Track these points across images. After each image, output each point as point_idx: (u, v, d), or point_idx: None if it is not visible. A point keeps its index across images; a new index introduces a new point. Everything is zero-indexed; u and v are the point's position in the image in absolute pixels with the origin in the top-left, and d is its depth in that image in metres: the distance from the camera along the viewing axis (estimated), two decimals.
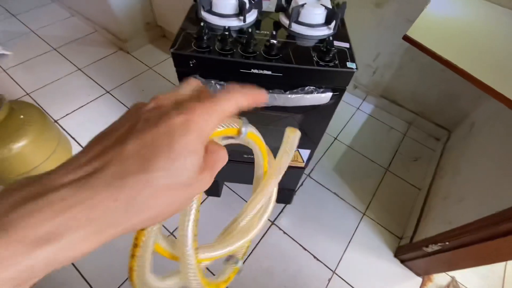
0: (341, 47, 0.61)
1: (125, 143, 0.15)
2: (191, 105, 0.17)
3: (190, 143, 0.16)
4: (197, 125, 0.16)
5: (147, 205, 0.15)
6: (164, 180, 0.15)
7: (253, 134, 0.22)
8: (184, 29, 0.62)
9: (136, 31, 1.68)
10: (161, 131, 0.15)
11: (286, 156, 0.25)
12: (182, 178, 0.16)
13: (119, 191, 0.14)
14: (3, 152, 0.90)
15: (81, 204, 0.13)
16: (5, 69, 1.57)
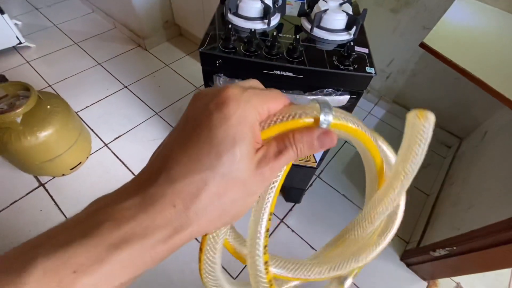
0: (360, 52, 0.64)
1: (172, 147, 0.15)
2: (226, 86, 0.16)
3: (231, 130, 0.15)
4: (234, 108, 0.15)
5: (207, 205, 0.15)
6: (216, 178, 0.14)
7: (343, 125, 0.17)
8: (211, 30, 0.65)
9: (154, 29, 1.73)
10: (202, 126, 0.15)
11: (417, 149, 0.17)
12: (235, 172, 0.15)
13: (175, 197, 0.14)
14: (31, 140, 0.95)
15: (144, 214, 0.14)
16: (29, 61, 1.64)
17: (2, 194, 1.13)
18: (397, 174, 0.19)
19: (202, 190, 0.14)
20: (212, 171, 0.14)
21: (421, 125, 0.17)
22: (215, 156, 0.14)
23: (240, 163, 0.15)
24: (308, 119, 0.16)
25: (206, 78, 0.67)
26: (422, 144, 0.17)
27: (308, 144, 0.17)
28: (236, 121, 0.15)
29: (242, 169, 0.15)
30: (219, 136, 0.15)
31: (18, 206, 1.11)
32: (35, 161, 1.02)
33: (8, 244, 1.01)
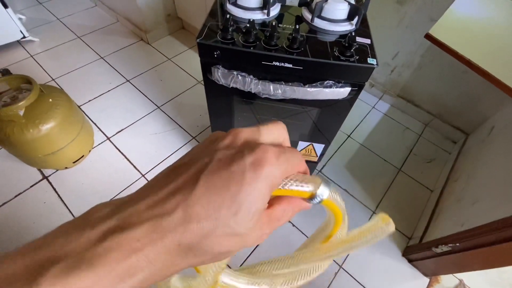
0: (362, 43, 0.62)
1: (195, 184, 0.15)
2: (263, 146, 0.16)
3: (258, 190, 0.15)
4: (268, 169, 0.16)
5: (205, 251, 0.15)
6: (227, 230, 0.15)
7: (330, 203, 0.19)
8: (210, 21, 0.64)
9: (157, 23, 1.72)
10: (233, 174, 0.15)
11: (361, 241, 0.21)
12: (241, 228, 0.15)
13: (183, 237, 0.14)
14: (33, 133, 0.95)
15: (152, 246, 0.14)
16: (32, 55, 1.65)
17: (7, 186, 1.15)
18: (337, 245, 0.22)
19: (208, 237, 0.15)
20: (224, 222, 0.15)
21: (379, 227, 0.20)
22: (234, 211, 0.15)
23: (250, 222, 0.16)
24: (307, 189, 0.18)
25: (205, 69, 0.66)
26: (369, 240, 0.21)
27: (296, 212, 0.19)
28: (264, 185, 0.15)
29: (249, 229, 0.16)
30: (243, 194, 0.15)
31: (23, 198, 1.12)
32: (38, 153, 1.03)
33: (13, 236, 1.03)
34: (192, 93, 1.54)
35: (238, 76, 0.63)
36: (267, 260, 0.24)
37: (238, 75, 0.63)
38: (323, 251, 0.22)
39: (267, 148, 0.16)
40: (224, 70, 0.63)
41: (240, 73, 0.63)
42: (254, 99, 0.75)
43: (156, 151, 1.29)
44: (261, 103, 0.76)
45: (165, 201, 0.15)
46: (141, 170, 1.22)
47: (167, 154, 1.28)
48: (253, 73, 0.64)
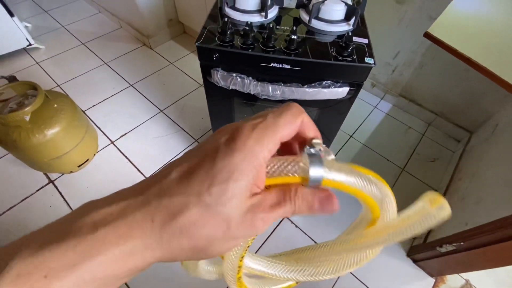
0: (360, 43, 0.63)
1: (173, 170, 0.15)
2: (238, 126, 0.16)
3: (231, 166, 0.14)
4: (240, 145, 0.15)
5: (183, 232, 0.14)
6: (199, 205, 0.14)
7: (336, 184, 0.16)
8: (209, 24, 0.65)
9: (159, 28, 1.74)
10: (207, 156, 0.15)
11: (404, 229, 0.17)
12: (221, 208, 0.14)
13: (156, 212, 0.14)
14: (39, 138, 0.97)
15: (122, 221, 0.14)
16: (38, 62, 1.68)
17: (14, 190, 1.17)
18: (380, 232, 0.19)
19: (181, 213, 0.14)
20: (198, 198, 0.14)
21: (427, 213, 0.16)
22: (207, 185, 0.14)
23: (230, 200, 0.14)
24: (294, 176, 0.16)
25: (204, 72, 0.67)
26: (422, 224, 0.16)
27: (308, 205, 0.16)
28: (239, 158, 0.14)
29: (229, 207, 0.14)
30: (217, 168, 0.14)
31: (29, 202, 1.14)
32: (44, 158, 1.05)
33: None
34: (194, 96, 1.55)
35: (237, 78, 0.64)
36: (304, 246, 0.23)
37: (237, 77, 0.64)
38: (366, 237, 0.19)
39: (243, 124, 0.16)
40: (223, 73, 0.64)
41: (239, 75, 0.64)
42: (254, 100, 0.76)
43: (159, 154, 1.30)
44: (261, 104, 0.76)
45: (149, 184, 0.15)
46: (144, 173, 1.23)
47: (170, 157, 1.30)
48: (252, 74, 0.64)
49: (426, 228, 0.16)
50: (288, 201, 0.16)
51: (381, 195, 0.17)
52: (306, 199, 0.16)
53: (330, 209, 0.17)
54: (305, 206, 0.16)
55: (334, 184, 0.16)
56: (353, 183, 0.16)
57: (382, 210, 0.18)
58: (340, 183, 0.16)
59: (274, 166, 0.16)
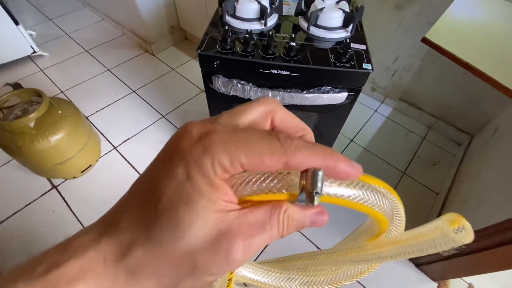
0: (357, 49, 0.64)
1: (125, 195, 0.14)
2: (178, 134, 0.13)
3: (173, 186, 0.12)
4: (178, 163, 0.12)
5: (136, 273, 0.12)
6: (151, 242, 0.12)
7: (339, 199, 0.14)
8: (210, 32, 0.66)
9: (161, 34, 1.77)
10: (151, 173, 0.13)
11: (413, 247, 0.15)
12: (179, 242, 0.12)
13: (106, 250, 0.12)
14: (43, 144, 0.99)
15: (75, 260, 0.12)
16: (43, 69, 1.71)
17: (18, 196, 1.18)
18: (385, 245, 0.16)
19: (129, 252, 0.12)
20: (145, 233, 0.12)
21: (444, 234, 0.14)
22: (153, 215, 0.12)
23: (188, 229, 0.11)
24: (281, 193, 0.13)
25: (206, 79, 0.68)
26: (425, 247, 0.14)
27: (299, 224, 0.14)
28: (183, 176, 0.12)
29: (189, 238, 0.11)
30: (160, 192, 0.12)
31: (33, 207, 1.15)
32: (48, 164, 1.07)
33: (23, 245, 1.06)
34: (196, 101, 1.57)
35: (238, 84, 0.65)
36: (301, 253, 0.20)
37: (238, 83, 0.65)
38: (369, 249, 0.17)
39: (186, 127, 0.13)
40: (224, 79, 0.66)
41: (240, 81, 0.65)
42: None
43: None
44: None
45: (106, 217, 0.14)
46: None
47: None
48: (252, 81, 0.66)
49: (440, 250, 0.14)
50: (276, 223, 0.13)
51: (391, 209, 0.15)
52: (297, 220, 0.14)
53: (321, 223, 0.15)
54: (294, 227, 0.14)
55: (335, 200, 0.13)
56: (359, 197, 0.14)
57: (390, 224, 0.16)
58: (342, 199, 0.13)
59: (253, 179, 0.13)
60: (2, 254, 1.04)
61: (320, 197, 0.12)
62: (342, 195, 0.13)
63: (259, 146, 0.12)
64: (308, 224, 0.14)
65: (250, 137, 0.12)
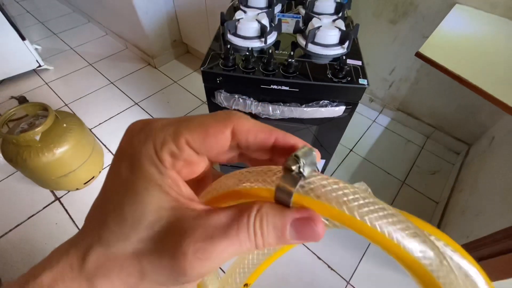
0: (354, 65, 0.67)
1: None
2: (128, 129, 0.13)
3: (118, 184, 0.11)
4: (129, 146, 0.12)
5: (95, 276, 0.11)
6: (101, 245, 0.11)
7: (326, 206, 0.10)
8: (212, 50, 0.70)
9: (163, 48, 1.82)
10: (108, 179, 0.13)
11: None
12: (123, 245, 0.11)
13: (74, 257, 0.12)
14: (48, 156, 1.01)
15: (49, 271, 0.11)
16: (47, 82, 1.75)
17: (21, 208, 1.19)
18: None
19: (87, 257, 0.11)
20: (98, 236, 0.11)
21: None
22: (104, 218, 0.11)
23: (134, 230, 0.11)
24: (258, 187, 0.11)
25: (209, 94, 0.71)
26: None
27: (277, 231, 0.11)
28: (127, 171, 0.11)
29: (132, 242, 0.11)
30: (110, 196, 0.12)
31: (35, 219, 1.16)
32: (52, 176, 1.08)
33: (26, 257, 1.06)
34: (198, 113, 1.60)
35: (239, 99, 0.68)
36: None
37: (239, 98, 0.68)
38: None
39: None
40: (226, 94, 0.68)
41: (241, 96, 0.68)
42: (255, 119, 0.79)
43: None
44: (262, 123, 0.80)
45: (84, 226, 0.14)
46: None
47: None
48: (253, 95, 0.68)
49: None
50: (245, 226, 0.11)
51: (435, 256, 0.10)
52: (274, 224, 0.11)
53: (311, 235, 0.11)
54: (272, 233, 0.11)
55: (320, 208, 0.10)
56: (429, 261, 0.10)
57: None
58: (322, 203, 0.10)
59: (222, 178, 0.12)
60: (4, 266, 1.04)
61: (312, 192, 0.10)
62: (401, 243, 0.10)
63: (202, 119, 0.12)
64: (290, 234, 0.11)
65: (192, 118, 0.12)
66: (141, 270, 0.11)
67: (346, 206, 0.10)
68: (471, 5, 1.06)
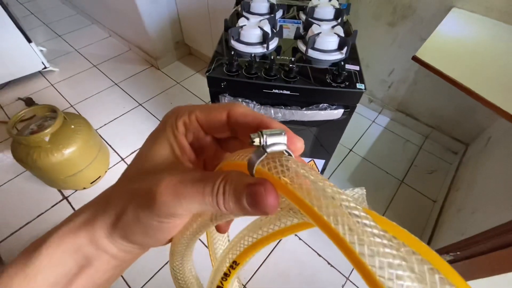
0: (352, 70, 0.70)
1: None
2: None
3: (150, 140, 0.18)
4: (160, 127, 0.17)
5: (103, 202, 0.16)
6: (124, 176, 0.17)
7: (267, 174, 0.12)
8: (216, 55, 0.73)
9: (166, 50, 1.85)
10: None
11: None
12: (142, 165, 0.17)
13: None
14: (57, 156, 1.05)
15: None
16: (53, 84, 1.78)
17: (30, 207, 1.23)
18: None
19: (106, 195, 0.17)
20: (124, 172, 0.17)
21: None
22: (135, 158, 0.18)
23: (142, 165, 0.17)
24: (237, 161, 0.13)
25: (213, 97, 0.74)
26: None
27: (236, 192, 0.12)
28: (160, 131, 0.17)
29: (139, 171, 0.16)
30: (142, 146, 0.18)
31: (44, 218, 1.20)
32: (60, 175, 1.12)
33: None
34: None
35: (243, 102, 0.71)
36: None
37: (243, 102, 0.71)
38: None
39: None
40: (230, 98, 0.71)
41: (244, 100, 0.71)
42: None
43: None
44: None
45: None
46: None
47: None
48: (256, 99, 0.71)
49: None
50: (211, 181, 0.13)
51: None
52: (234, 185, 0.12)
53: (262, 203, 0.12)
54: (232, 195, 0.12)
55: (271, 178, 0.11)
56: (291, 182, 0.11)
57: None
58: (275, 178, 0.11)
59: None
60: None
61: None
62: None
63: (211, 105, 0.17)
64: (246, 200, 0.12)
65: (205, 104, 0.17)
66: (133, 192, 0.15)
67: (297, 183, 0.10)
68: (468, 8, 1.09)
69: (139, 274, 1.06)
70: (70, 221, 0.16)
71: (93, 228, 0.16)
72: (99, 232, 0.16)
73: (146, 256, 0.93)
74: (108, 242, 0.16)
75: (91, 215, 0.16)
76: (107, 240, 0.16)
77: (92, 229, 0.16)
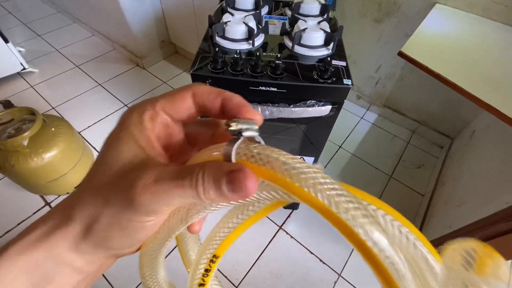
0: (338, 66, 0.69)
1: None
2: None
3: (110, 140, 0.16)
4: (123, 118, 0.16)
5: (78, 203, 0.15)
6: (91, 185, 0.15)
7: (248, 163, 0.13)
8: (201, 52, 0.71)
9: (151, 49, 1.81)
10: None
11: None
12: (110, 167, 0.15)
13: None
14: (37, 161, 1.00)
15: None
16: (33, 85, 1.71)
17: (10, 214, 1.17)
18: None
19: (74, 196, 0.16)
20: (88, 177, 0.16)
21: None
22: (96, 162, 0.16)
23: (109, 169, 0.15)
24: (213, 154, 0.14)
25: None
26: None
27: (215, 180, 0.12)
28: (119, 131, 0.16)
29: (108, 177, 0.15)
30: (102, 149, 0.16)
31: (25, 225, 1.14)
32: (41, 181, 1.07)
33: None
34: None
35: None
36: None
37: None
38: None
39: None
40: None
41: None
42: None
43: None
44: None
45: None
46: None
47: None
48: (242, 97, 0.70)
49: None
50: (189, 173, 0.13)
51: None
52: (213, 173, 0.13)
53: (240, 187, 0.12)
54: (211, 183, 0.13)
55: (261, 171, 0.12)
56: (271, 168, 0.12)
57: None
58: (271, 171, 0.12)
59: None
60: None
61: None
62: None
63: (173, 91, 0.16)
64: (225, 186, 0.12)
65: (167, 92, 0.16)
66: (106, 197, 0.14)
67: (270, 165, 0.12)
68: (451, 5, 1.10)
69: (127, 281, 1.03)
70: (28, 234, 0.15)
71: (53, 241, 0.15)
72: (61, 244, 0.15)
73: (133, 263, 0.89)
74: (73, 255, 0.15)
75: (51, 227, 0.15)
76: (72, 252, 0.15)
77: (52, 242, 0.15)
